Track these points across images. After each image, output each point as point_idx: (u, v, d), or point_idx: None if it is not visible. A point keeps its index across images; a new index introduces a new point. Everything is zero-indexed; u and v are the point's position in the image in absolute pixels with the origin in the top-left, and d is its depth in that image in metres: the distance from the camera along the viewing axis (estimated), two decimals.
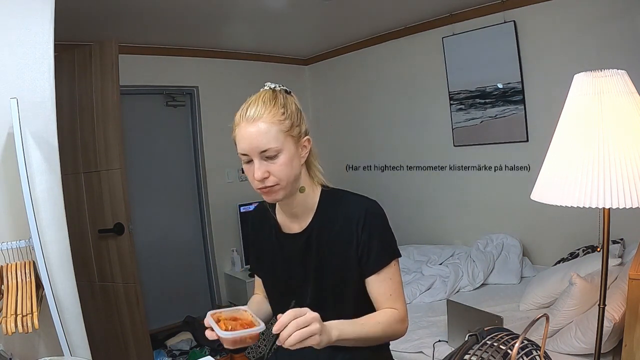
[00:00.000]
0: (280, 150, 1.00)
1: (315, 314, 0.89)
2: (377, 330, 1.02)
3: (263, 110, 1.00)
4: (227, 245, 3.85)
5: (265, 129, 0.99)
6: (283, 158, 1.01)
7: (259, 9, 2.85)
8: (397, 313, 1.06)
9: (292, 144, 1.03)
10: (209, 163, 3.80)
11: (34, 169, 1.62)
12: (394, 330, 1.06)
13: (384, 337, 1.05)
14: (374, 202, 1.11)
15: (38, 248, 1.48)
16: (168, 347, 3.03)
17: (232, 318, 0.98)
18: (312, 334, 0.86)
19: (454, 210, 3.47)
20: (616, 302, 1.65)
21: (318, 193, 1.13)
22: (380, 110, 3.89)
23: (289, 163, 1.01)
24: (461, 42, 3.20)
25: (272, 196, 1.06)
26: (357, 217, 1.06)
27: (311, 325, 0.86)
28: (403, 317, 1.08)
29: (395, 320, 1.06)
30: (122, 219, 2.45)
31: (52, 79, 1.68)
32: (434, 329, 2.24)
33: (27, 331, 1.36)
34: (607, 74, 1.04)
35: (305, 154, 1.08)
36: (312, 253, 1.10)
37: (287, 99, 1.05)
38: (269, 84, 1.08)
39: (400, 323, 1.07)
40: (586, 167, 1.02)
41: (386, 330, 1.04)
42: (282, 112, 1.01)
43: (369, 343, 1.04)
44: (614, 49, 2.52)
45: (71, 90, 2.51)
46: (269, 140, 0.99)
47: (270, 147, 0.99)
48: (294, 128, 1.03)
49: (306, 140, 1.07)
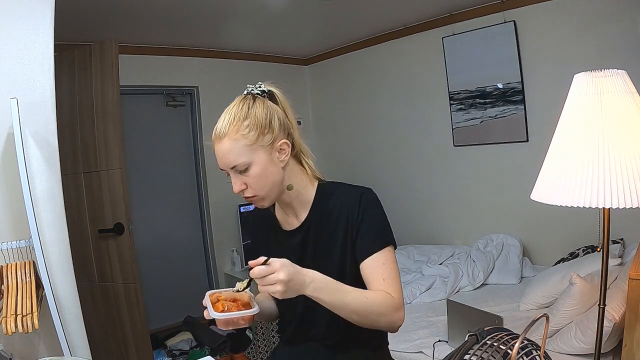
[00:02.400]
0: (249, 163, 1.01)
1: (284, 264, 0.89)
2: (362, 303, 0.97)
3: (227, 126, 1.01)
4: (227, 245, 3.85)
5: (229, 147, 1.00)
6: (254, 170, 1.01)
7: (259, 9, 2.85)
8: (391, 298, 1.00)
9: (262, 154, 1.02)
10: (209, 163, 3.79)
11: (34, 169, 1.62)
12: (385, 315, 1.00)
13: (370, 316, 0.99)
14: (368, 189, 1.11)
15: (38, 248, 1.48)
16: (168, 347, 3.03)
17: (232, 299, 1.00)
18: (273, 283, 0.88)
19: (454, 210, 3.46)
20: (616, 302, 1.65)
21: (314, 187, 1.14)
22: (380, 110, 3.89)
23: (262, 174, 1.02)
24: (461, 42, 3.20)
25: (258, 204, 1.08)
26: (352, 202, 1.07)
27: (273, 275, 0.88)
28: (398, 305, 1.01)
29: (388, 305, 0.99)
30: (122, 219, 2.45)
31: (52, 79, 1.68)
32: (434, 329, 2.24)
33: (27, 331, 1.36)
34: (607, 74, 1.04)
35: (285, 157, 1.06)
36: (310, 245, 1.11)
37: (254, 107, 1.03)
38: (249, 87, 1.09)
39: (394, 310, 1.00)
40: (586, 167, 1.02)
41: (374, 309, 0.98)
42: (247, 125, 1.01)
43: (350, 315, 0.98)
44: (614, 49, 2.52)
45: (71, 90, 2.51)
46: (235, 157, 1.00)
47: (238, 163, 1.00)
48: (261, 137, 1.01)
49: (283, 144, 1.05)
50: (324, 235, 1.11)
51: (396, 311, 1.01)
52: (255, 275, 0.88)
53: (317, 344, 1.16)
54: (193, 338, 3.10)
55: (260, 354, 2.82)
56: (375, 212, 1.08)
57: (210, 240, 3.82)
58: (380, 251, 1.05)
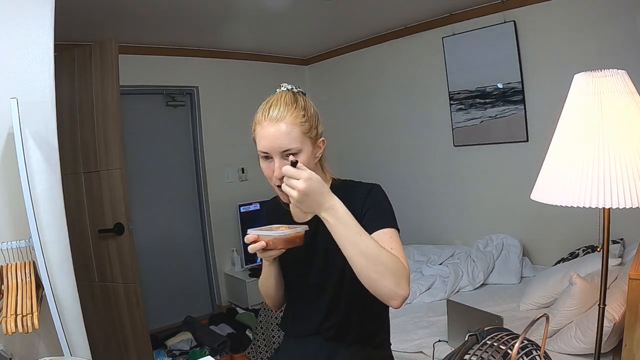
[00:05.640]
0: (300, 150, 1.04)
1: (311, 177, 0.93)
2: (373, 247, 0.94)
3: (286, 112, 1.04)
4: (227, 245, 3.85)
5: (287, 130, 1.03)
6: (302, 158, 1.04)
7: (259, 8, 2.85)
8: (401, 262, 0.97)
9: (309, 145, 1.07)
10: (209, 163, 3.80)
11: (34, 168, 1.62)
12: (392, 274, 0.94)
13: (377, 267, 0.93)
14: (377, 184, 1.15)
15: (38, 248, 1.48)
16: (168, 347, 3.03)
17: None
18: (292, 187, 0.93)
19: (454, 210, 3.47)
20: (616, 302, 1.65)
21: (329, 184, 1.16)
22: (380, 110, 3.89)
23: (306, 163, 1.04)
24: (461, 42, 3.20)
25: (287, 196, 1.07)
26: (362, 195, 1.10)
27: (295, 181, 0.93)
28: (406, 273, 0.97)
29: (398, 266, 0.95)
30: (122, 219, 2.45)
31: (52, 79, 1.68)
32: (434, 329, 2.24)
33: (27, 331, 1.36)
34: (607, 74, 1.04)
35: (319, 154, 1.12)
36: (321, 238, 1.11)
37: (307, 102, 1.10)
38: (285, 85, 1.11)
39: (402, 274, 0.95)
40: (586, 167, 1.02)
41: (384, 260, 0.94)
42: (303, 115, 1.06)
43: (357, 258, 0.94)
44: (614, 49, 2.52)
45: (71, 90, 2.51)
46: (291, 141, 1.03)
47: (291, 148, 1.03)
48: (312, 130, 1.07)
49: (321, 142, 1.12)
50: None
51: (404, 277, 0.96)
52: (284, 172, 0.94)
53: (320, 340, 1.17)
54: (193, 338, 3.10)
55: (260, 354, 2.81)
56: (382, 202, 1.11)
57: (210, 240, 3.82)
58: (385, 229, 1.05)
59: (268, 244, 0.99)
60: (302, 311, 1.21)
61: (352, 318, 1.14)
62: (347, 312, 1.13)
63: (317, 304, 1.16)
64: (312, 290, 1.16)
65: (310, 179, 0.93)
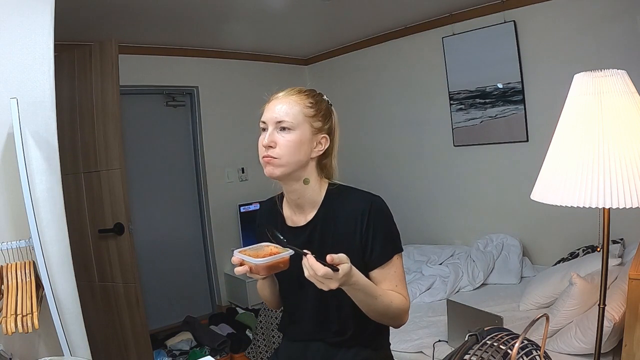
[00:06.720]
0: (294, 127, 1.06)
1: (346, 273, 0.90)
2: (385, 307, 1.04)
3: (294, 93, 1.10)
4: (227, 245, 3.84)
5: (288, 105, 1.07)
6: (293, 136, 1.05)
7: (259, 8, 2.85)
8: (406, 303, 1.09)
9: (307, 131, 1.08)
10: (209, 163, 3.80)
11: (34, 169, 1.62)
12: (398, 318, 1.09)
13: (385, 318, 1.07)
14: (378, 197, 1.13)
15: (38, 248, 1.48)
16: (168, 347, 3.03)
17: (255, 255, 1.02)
18: (326, 285, 0.91)
19: (454, 210, 3.47)
20: (616, 302, 1.65)
21: (325, 188, 1.15)
22: (380, 110, 3.89)
23: (297, 143, 1.05)
24: (461, 42, 3.20)
25: (270, 169, 1.08)
26: (362, 210, 1.08)
27: (329, 282, 0.90)
28: (408, 308, 1.11)
29: (403, 310, 1.09)
30: (122, 219, 2.45)
31: (52, 79, 1.68)
32: (434, 329, 2.24)
33: (27, 331, 1.36)
34: (607, 74, 1.04)
35: (319, 151, 1.11)
36: (315, 245, 1.11)
37: (321, 98, 1.13)
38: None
39: (405, 313, 1.10)
40: (586, 167, 1.02)
41: (392, 313, 1.06)
42: (311, 102, 1.09)
43: (369, 312, 1.05)
44: (614, 49, 2.52)
45: (71, 90, 2.51)
46: (286, 114, 1.06)
47: (285, 120, 1.06)
48: (316, 120, 1.09)
49: (323, 138, 1.11)
50: (329, 235, 1.11)
51: (406, 313, 1.11)
52: (320, 274, 0.88)
53: (320, 342, 1.17)
54: (193, 338, 3.09)
55: (260, 354, 2.81)
56: (386, 222, 1.10)
57: (210, 240, 3.82)
58: (390, 260, 1.09)
59: (251, 268, 0.99)
60: (301, 318, 1.20)
61: (351, 322, 1.13)
62: (345, 317, 1.12)
63: (314, 311, 1.15)
64: (309, 299, 1.14)
65: (345, 275, 0.91)
